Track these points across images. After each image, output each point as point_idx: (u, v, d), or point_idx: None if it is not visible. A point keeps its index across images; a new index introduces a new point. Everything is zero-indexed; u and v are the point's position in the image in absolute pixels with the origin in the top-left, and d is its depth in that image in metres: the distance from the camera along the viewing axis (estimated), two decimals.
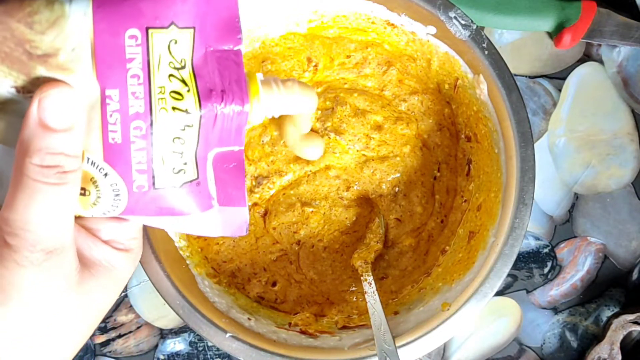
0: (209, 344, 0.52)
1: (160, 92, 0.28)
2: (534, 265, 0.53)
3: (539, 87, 0.54)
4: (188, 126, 0.29)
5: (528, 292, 0.53)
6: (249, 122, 0.32)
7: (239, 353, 0.41)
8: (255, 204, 0.50)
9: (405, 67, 0.49)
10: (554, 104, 0.54)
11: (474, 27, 0.42)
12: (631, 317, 0.50)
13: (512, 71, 0.42)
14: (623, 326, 0.50)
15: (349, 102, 0.50)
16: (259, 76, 0.34)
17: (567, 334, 0.53)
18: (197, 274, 0.45)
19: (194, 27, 0.29)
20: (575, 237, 0.53)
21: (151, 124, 0.28)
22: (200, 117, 0.30)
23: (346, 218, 0.50)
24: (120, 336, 0.53)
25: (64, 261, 0.28)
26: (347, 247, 0.50)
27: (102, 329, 0.52)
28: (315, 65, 0.50)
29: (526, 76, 0.54)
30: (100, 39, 0.27)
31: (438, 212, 0.50)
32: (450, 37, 0.43)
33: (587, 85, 0.54)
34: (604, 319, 0.53)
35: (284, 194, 0.50)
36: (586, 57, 0.54)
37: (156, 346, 0.53)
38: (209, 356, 0.52)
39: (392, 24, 0.46)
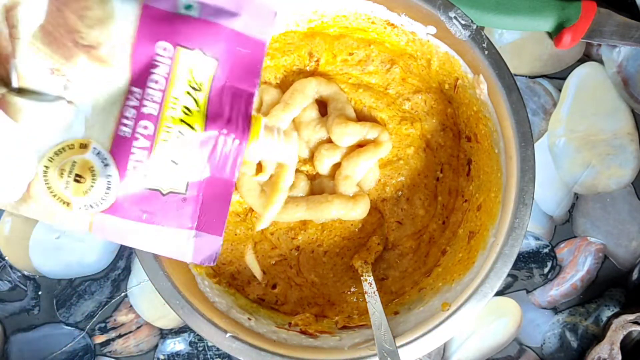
0: (209, 344, 0.52)
1: (174, 102, 0.32)
2: (534, 265, 0.53)
3: (539, 87, 0.54)
4: (189, 141, 0.32)
5: (528, 292, 0.53)
6: (244, 159, 0.34)
7: (239, 353, 0.41)
8: (252, 209, 0.49)
9: (407, 66, 0.49)
10: (554, 104, 0.54)
11: (474, 27, 0.42)
12: (631, 317, 0.50)
13: (512, 71, 0.42)
14: (623, 326, 0.50)
15: (354, 98, 0.50)
16: (264, 120, 0.37)
17: (567, 334, 0.53)
18: (197, 274, 0.45)
19: (217, 59, 0.33)
20: (575, 237, 0.53)
21: (158, 127, 0.31)
22: (203, 136, 0.33)
23: (351, 224, 0.49)
24: (120, 336, 0.53)
25: None
26: (348, 250, 0.49)
27: (102, 329, 0.52)
28: (317, 60, 0.50)
29: (526, 76, 0.54)
30: (138, 44, 0.31)
31: (440, 214, 0.50)
32: (450, 37, 0.43)
33: (587, 85, 0.54)
34: (604, 319, 0.53)
35: None
36: (586, 57, 0.54)
37: (156, 346, 0.53)
38: (209, 356, 0.52)
39: (392, 24, 0.46)
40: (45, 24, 0.30)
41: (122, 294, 0.52)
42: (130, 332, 0.53)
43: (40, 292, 0.52)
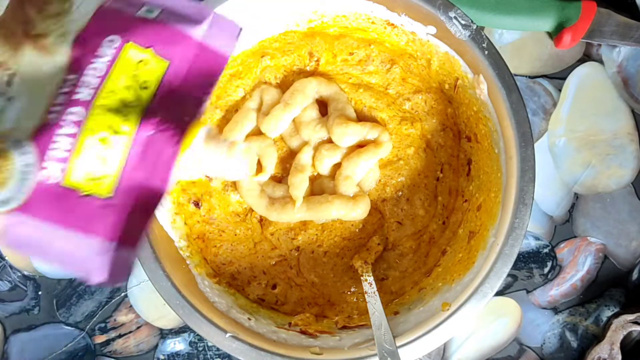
0: (209, 344, 0.52)
1: (111, 93, 0.30)
2: (534, 265, 0.53)
3: (539, 87, 0.54)
4: (120, 135, 0.30)
5: (528, 292, 0.53)
6: (180, 169, 0.32)
7: (239, 353, 0.41)
8: (252, 209, 0.50)
9: (408, 66, 0.49)
10: (554, 104, 0.54)
11: (474, 27, 0.42)
12: (631, 317, 0.50)
13: (512, 71, 0.42)
14: (623, 326, 0.50)
15: (354, 98, 0.50)
16: (207, 129, 0.34)
17: (567, 334, 0.53)
18: (197, 274, 0.45)
19: (169, 61, 0.32)
20: (575, 237, 0.53)
21: (88, 114, 0.30)
22: (135, 133, 0.30)
23: (352, 225, 0.49)
24: (120, 336, 0.53)
25: None
26: (348, 250, 0.49)
27: (102, 329, 0.52)
28: (317, 60, 0.50)
29: (526, 76, 0.54)
30: (86, 33, 0.31)
31: (440, 214, 0.50)
32: (450, 37, 0.43)
33: (587, 85, 0.54)
34: (604, 319, 0.53)
35: None
36: (586, 57, 0.54)
37: (156, 346, 0.53)
38: (209, 356, 0.52)
39: (392, 24, 0.46)
40: (5, 16, 0.30)
41: (122, 294, 0.52)
42: (130, 332, 0.53)
43: (40, 292, 0.52)
